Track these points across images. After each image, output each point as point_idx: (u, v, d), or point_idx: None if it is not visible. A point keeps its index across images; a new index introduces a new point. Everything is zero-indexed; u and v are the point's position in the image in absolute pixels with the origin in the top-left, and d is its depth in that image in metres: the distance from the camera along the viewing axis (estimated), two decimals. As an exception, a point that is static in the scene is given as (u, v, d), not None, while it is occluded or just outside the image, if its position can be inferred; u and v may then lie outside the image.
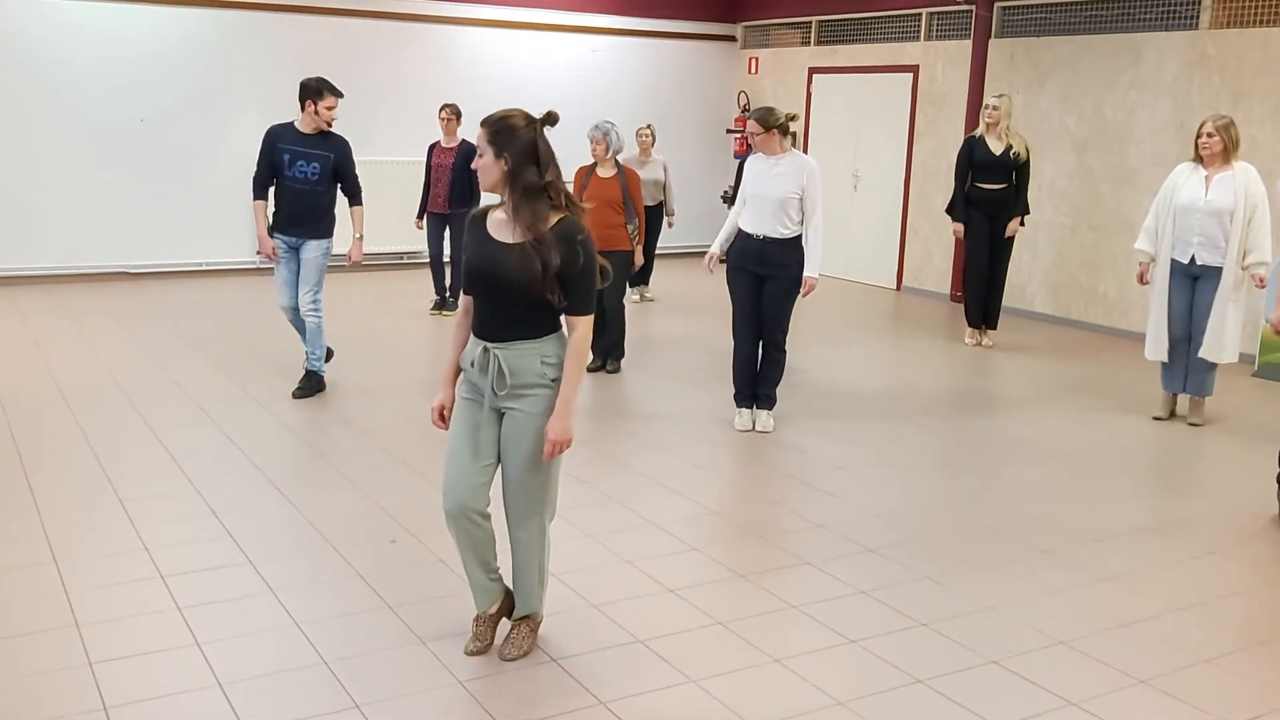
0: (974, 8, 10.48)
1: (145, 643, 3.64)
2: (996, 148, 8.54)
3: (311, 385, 6.77)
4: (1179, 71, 8.98)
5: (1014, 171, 8.61)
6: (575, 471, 5.28)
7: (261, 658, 3.57)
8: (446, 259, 9.19)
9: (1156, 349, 6.74)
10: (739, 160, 12.41)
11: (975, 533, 4.89)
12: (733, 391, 6.43)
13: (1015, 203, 8.67)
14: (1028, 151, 8.65)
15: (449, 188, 9.15)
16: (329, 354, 7.04)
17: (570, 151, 3.55)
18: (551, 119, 3.38)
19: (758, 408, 6.37)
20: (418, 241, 10.77)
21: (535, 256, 3.25)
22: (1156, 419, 6.84)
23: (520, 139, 3.29)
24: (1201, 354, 6.55)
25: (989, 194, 8.62)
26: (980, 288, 8.82)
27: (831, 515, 5.03)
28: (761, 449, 6.06)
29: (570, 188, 3.76)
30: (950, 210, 8.93)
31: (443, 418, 3.56)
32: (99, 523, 4.65)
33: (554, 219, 3.30)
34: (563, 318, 3.40)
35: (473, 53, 11.94)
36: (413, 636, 3.73)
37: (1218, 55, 8.71)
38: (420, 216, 9.52)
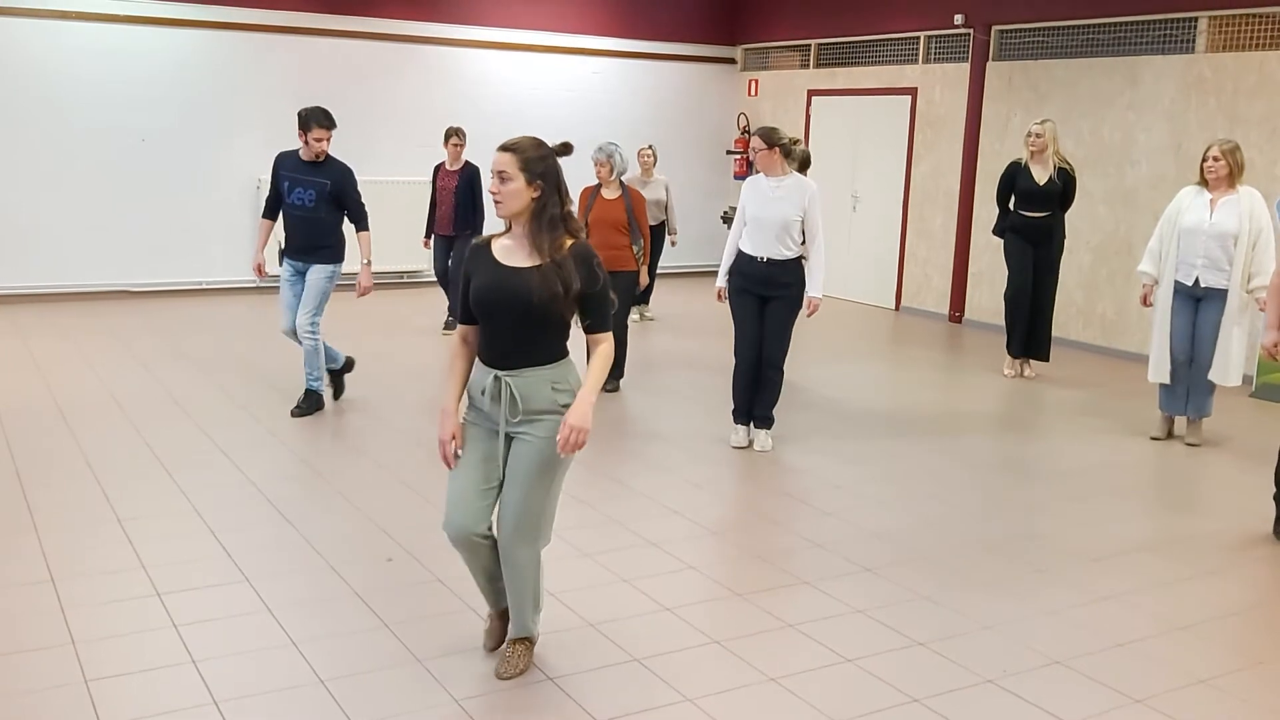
0: (971, 31, 10.55)
1: (142, 660, 3.64)
2: (1041, 176, 8.20)
3: (310, 404, 6.78)
4: (1176, 94, 9.03)
5: (1061, 195, 8.27)
6: (574, 491, 5.28)
7: (258, 676, 3.57)
8: None
9: (1159, 371, 6.75)
10: (739, 181, 12.48)
11: (972, 552, 4.90)
12: (731, 408, 6.45)
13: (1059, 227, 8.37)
14: (1072, 172, 8.30)
15: (452, 210, 9.22)
16: (349, 363, 7.13)
17: (573, 173, 3.58)
18: (568, 149, 3.44)
19: (755, 427, 6.38)
20: (419, 261, 10.83)
21: (556, 279, 3.30)
22: (1154, 439, 6.85)
23: (551, 168, 3.35)
24: (1210, 376, 6.56)
25: (1032, 221, 8.28)
26: (1024, 316, 8.45)
27: (830, 534, 5.03)
28: (761, 468, 6.06)
29: (575, 209, 3.80)
30: (998, 233, 8.66)
31: (455, 452, 3.47)
32: (96, 540, 4.65)
33: (567, 242, 3.37)
34: (585, 337, 3.45)
35: (474, 75, 12.02)
36: (409, 655, 3.73)
37: (1214, 78, 8.77)
38: (427, 236, 9.60)
